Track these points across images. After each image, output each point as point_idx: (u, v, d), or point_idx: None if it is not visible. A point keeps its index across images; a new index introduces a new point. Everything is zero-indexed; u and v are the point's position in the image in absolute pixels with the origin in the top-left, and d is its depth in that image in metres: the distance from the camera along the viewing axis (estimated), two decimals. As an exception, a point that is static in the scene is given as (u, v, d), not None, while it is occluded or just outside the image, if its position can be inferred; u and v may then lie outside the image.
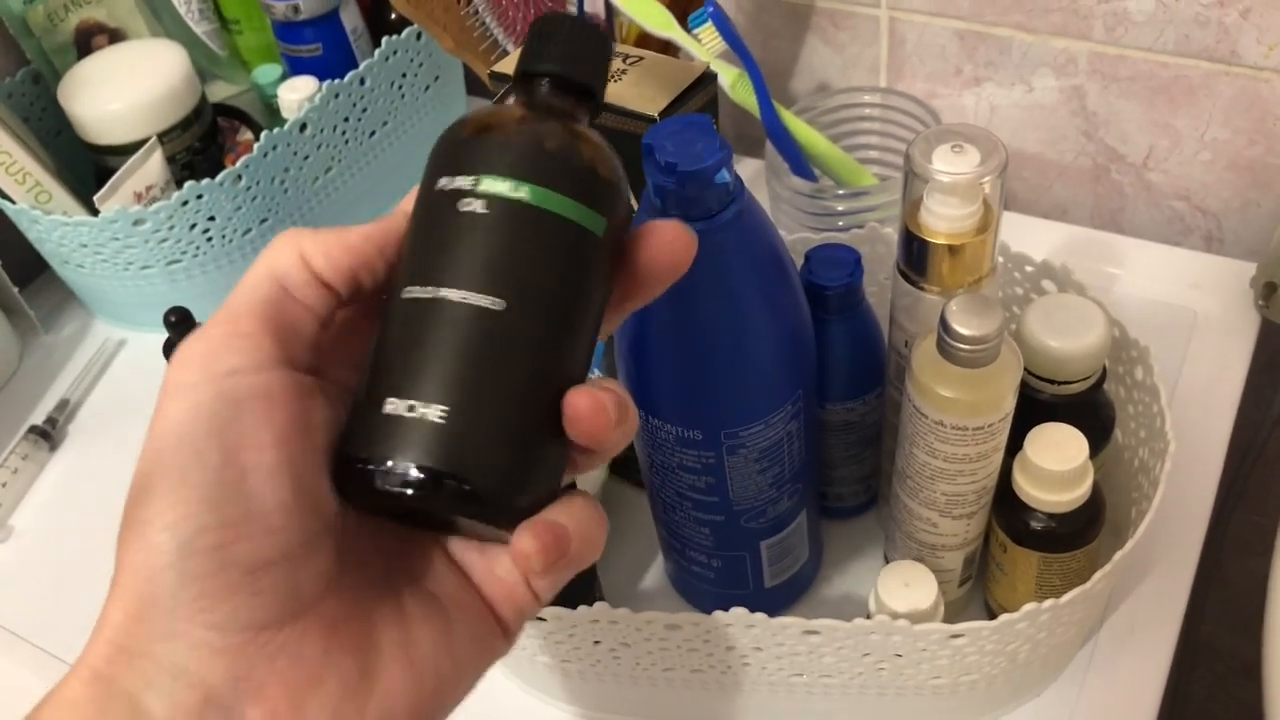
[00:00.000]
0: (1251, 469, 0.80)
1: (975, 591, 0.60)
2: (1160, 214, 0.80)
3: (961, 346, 0.48)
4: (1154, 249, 0.77)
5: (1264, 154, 0.73)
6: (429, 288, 0.30)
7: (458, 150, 0.32)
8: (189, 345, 0.29)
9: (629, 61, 0.54)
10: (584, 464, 0.33)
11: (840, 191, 0.71)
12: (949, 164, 0.49)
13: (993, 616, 0.59)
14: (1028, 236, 0.74)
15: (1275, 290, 0.69)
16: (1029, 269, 0.61)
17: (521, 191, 0.31)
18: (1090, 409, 0.56)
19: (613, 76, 0.53)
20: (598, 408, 0.30)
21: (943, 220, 0.50)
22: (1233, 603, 0.92)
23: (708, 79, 0.53)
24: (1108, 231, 0.79)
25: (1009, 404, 0.50)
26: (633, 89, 0.52)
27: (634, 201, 0.46)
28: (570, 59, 0.34)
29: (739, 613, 0.49)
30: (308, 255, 0.31)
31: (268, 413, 0.28)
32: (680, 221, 0.33)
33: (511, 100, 0.34)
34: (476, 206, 0.31)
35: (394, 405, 0.29)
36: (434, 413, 0.29)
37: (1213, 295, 0.73)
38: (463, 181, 0.31)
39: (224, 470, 0.27)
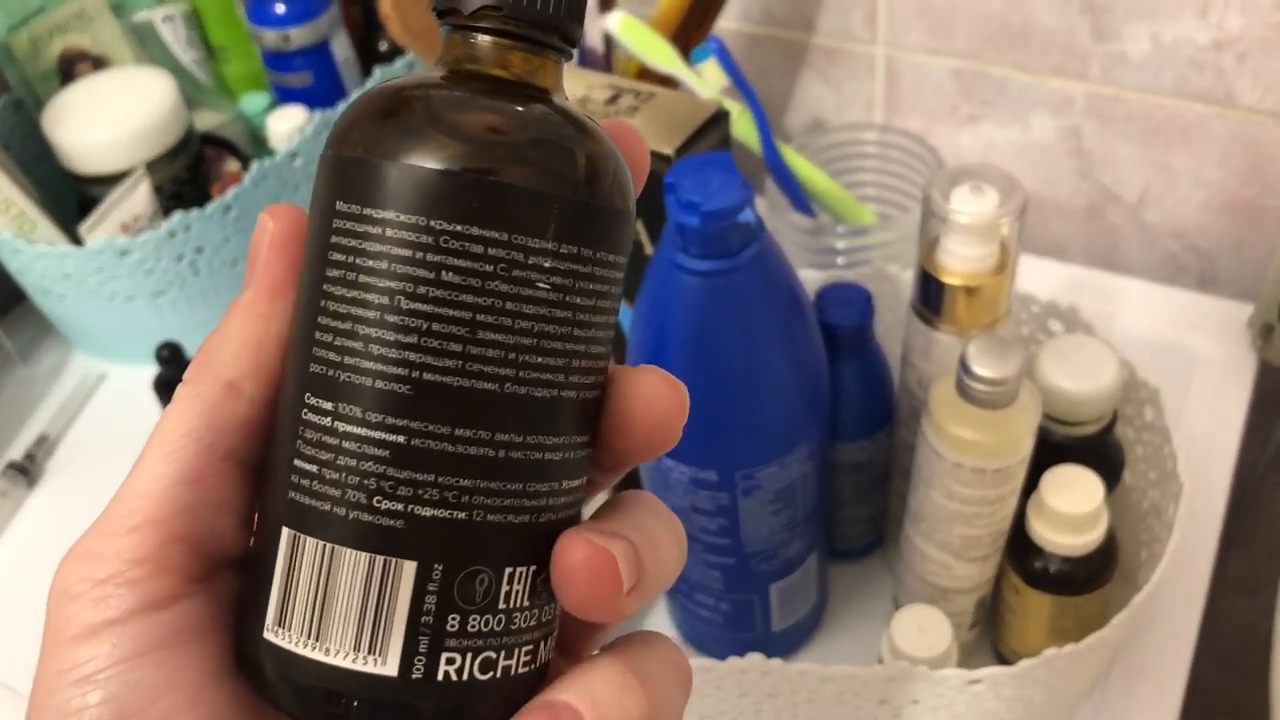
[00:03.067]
0: (1248, 510, 0.80)
1: (984, 635, 0.60)
2: (1155, 253, 0.80)
3: (981, 388, 0.47)
4: (1148, 288, 0.77)
5: (1258, 195, 0.74)
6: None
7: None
8: (71, 572, 0.23)
9: (640, 98, 0.53)
10: (581, 643, 0.26)
11: (840, 229, 0.71)
12: (968, 204, 0.49)
13: (1002, 660, 0.58)
14: (1023, 275, 0.74)
15: (1273, 331, 0.70)
16: (1035, 308, 0.61)
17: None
18: (1102, 451, 0.55)
19: (625, 113, 0.53)
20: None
21: (960, 260, 0.50)
22: (1223, 642, 0.92)
23: (721, 116, 0.53)
24: (1102, 270, 0.79)
25: (1027, 446, 0.49)
26: (645, 126, 0.52)
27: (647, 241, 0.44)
28: None
29: (755, 659, 0.48)
30: (237, 381, 0.24)
31: (180, 667, 0.23)
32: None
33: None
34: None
35: None
36: None
37: (1209, 335, 0.73)
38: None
39: None
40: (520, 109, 0.23)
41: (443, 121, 0.22)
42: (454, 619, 0.22)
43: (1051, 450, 0.53)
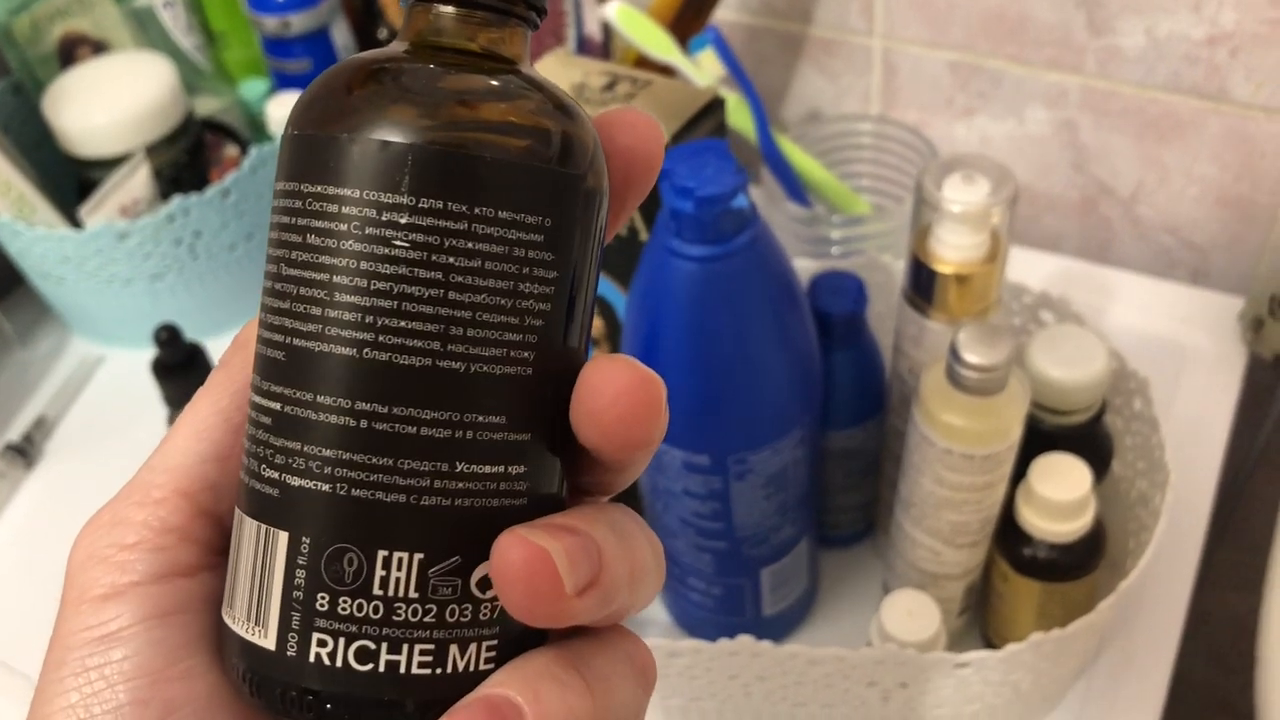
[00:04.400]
0: (1235, 504, 0.81)
1: (972, 621, 0.60)
2: (1148, 247, 0.80)
3: (971, 374, 0.48)
4: (1142, 281, 0.77)
5: (1250, 190, 0.74)
6: None
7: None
8: (96, 535, 0.23)
9: (637, 85, 0.54)
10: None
11: (835, 219, 0.71)
12: (959, 193, 0.49)
13: (990, 647, 0.59)
14: (1017, 267, 0.75)
15: (1263, 325, 0.70)
16: (1026, 299, 0.61)
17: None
18: (1090, 440, 0.56)
19: (621, 100, 0.53)
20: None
21: (952, 249, 0.50)
22: (1212, 636, 0.93)
23: (717, 104, 0.53)
24: (1096, 263, 0.80)
25: (1016, 433, 0.50)
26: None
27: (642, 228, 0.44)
28: None
29: (744, 640, 0.49)
30: None
31: (202, 632, 0.23)
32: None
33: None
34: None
35: None
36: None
37: (1201, 329, 0.74)
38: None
39: (157, 712, 0.22)
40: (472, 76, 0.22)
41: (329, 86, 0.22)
42: (324, 597, 0.21)
43: (1041, 439, 0.54)
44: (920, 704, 0.51)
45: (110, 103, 0.76)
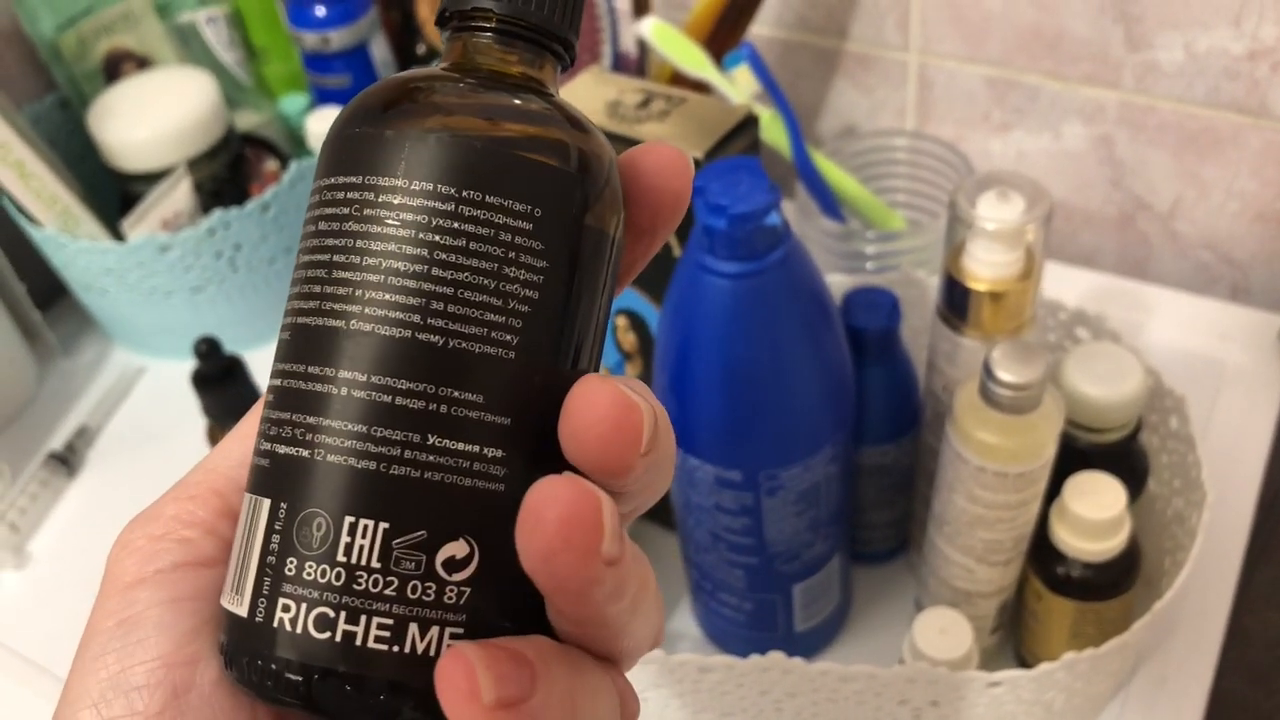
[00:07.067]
0: (1276, 523, 0.80)
1: (1006, 640, 0.60)
2: (1187, 263, 0.80)
3: (1005, 392, 0.47)
4: (1180, 298, 0.77)
5: (1291, 206, 0.74)
6: None
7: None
8: (134, 529, 0.25)
9: (672, 102, 0.54)
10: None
11: (870, 234, 0.71)
12: (994, 211, 0.49)
13: (1024, 665, 0.58)
14: (1054, 283, 0.74)
15: (1304, 342, 0.69)
16: (1062, 316, 0.61)
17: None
18: (1126, 458, 0.55)
19: (656, 117, 0.53)
20: (627, 408, 0.22)
21: (986, 266, 0.50)
22: (1252, 656, 0.92)
23: (751, 121, 0.53)
24: (1134, 279, 0.79)
25: (1050, 451, 0.49)
26: (676, 130, 0.52)
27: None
28: None
29: (776, 657, 0.49)
30: None
31: (212, 619, 0.24)
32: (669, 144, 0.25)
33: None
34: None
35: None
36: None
37: (1241, 346, 0.73)
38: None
39: (166, 695, 0.23)
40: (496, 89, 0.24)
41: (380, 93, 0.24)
42: (292, 562, 0.22)
43: (1076, 457, 0.54)
44: (952, 723, 0.51)
45: (153, 118, 0.78)
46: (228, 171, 0.81)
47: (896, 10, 0.78)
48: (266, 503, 0.22)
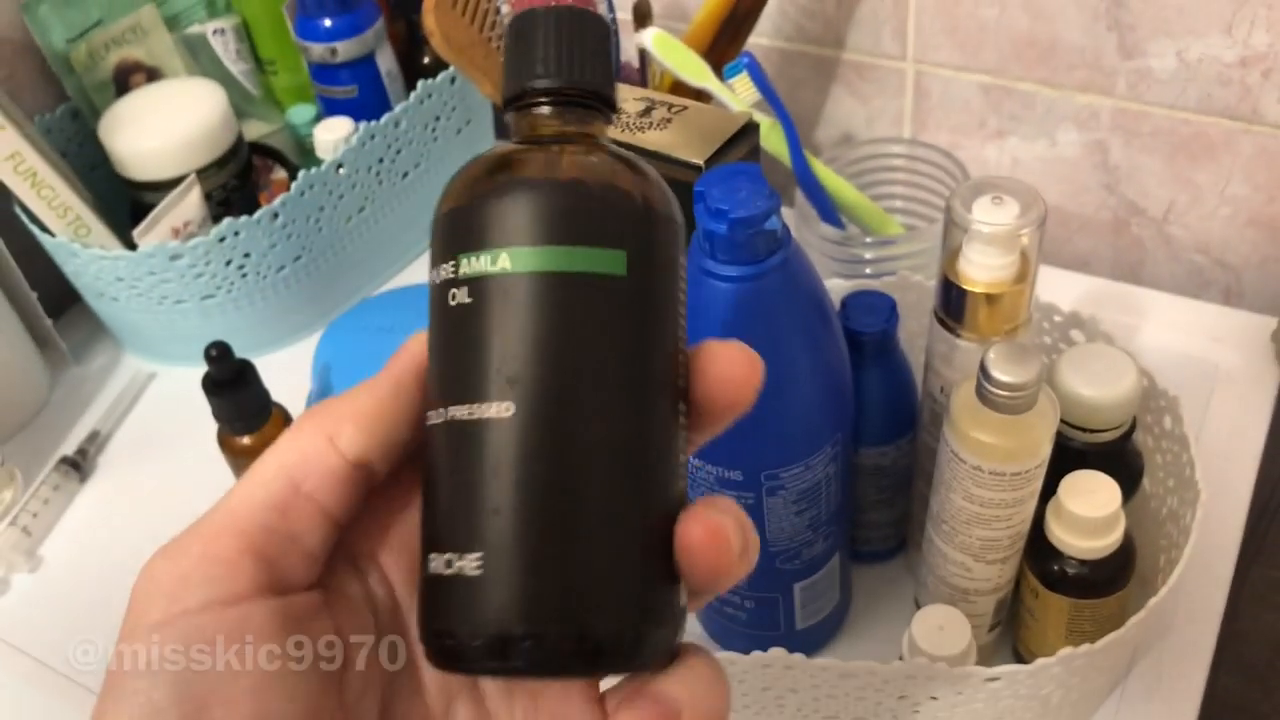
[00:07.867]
0: (1270, 523, 0.81)
1: (1003, 637, 0.61)
2: (1180, 267, 0.81)
3: (1000, 393, 0.48)
4: (1174, 301, 0.78)
5: (1283, 211, 0.75)
6: (439, 409, 0.26)
7: (439, 230, 0.27)
8: (159, 565, 0.26)
9: (673, 110, 0.55)
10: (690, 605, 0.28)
11: (868, 240, 0.72)
12: (989, 215, 0.50)
13: (1021, 662, 0.59)
14: (1049, 287, 0.75)
15: (1296, 344, 0.70)
16: (1057, 319, 0.62)
17: (501, 261, 0.25)
18: (1120, 457, 0.56)
19: (658, 125, 0.55)
20: (716, 536, 0.25)
21: (981, 269, 0.51)
22: (1246, 655, 0.93)
23: (751, 128, 0.54)
24: (1128, 283, 0.80)
25: (1045, 450, 0.51)
26: (677, 137, 0.54)
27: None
28: (549, 65, 0.27)
29: (777, 653, 0.50)
30: (336, 436, 0.27)
31: (240, 656, 0.25)
32: (741, 344, 0.28)
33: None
34: (461, 296, 0.26)
35: (435, 562, 0.25)
36: (469, 564, 0.24)
37: (1234, 348, 0.74)
38: (445, 270, 0.26)
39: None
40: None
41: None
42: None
43: (1071, 457, 0.55)
44: (951, 718, 0.52)
45: (163, 128, 0.79)
46: (237, 181, 0.82)
47: (893, 20, 0.79)
48: None
